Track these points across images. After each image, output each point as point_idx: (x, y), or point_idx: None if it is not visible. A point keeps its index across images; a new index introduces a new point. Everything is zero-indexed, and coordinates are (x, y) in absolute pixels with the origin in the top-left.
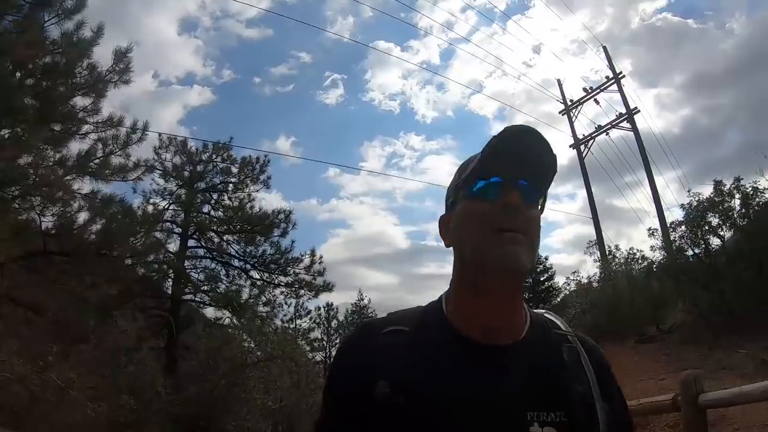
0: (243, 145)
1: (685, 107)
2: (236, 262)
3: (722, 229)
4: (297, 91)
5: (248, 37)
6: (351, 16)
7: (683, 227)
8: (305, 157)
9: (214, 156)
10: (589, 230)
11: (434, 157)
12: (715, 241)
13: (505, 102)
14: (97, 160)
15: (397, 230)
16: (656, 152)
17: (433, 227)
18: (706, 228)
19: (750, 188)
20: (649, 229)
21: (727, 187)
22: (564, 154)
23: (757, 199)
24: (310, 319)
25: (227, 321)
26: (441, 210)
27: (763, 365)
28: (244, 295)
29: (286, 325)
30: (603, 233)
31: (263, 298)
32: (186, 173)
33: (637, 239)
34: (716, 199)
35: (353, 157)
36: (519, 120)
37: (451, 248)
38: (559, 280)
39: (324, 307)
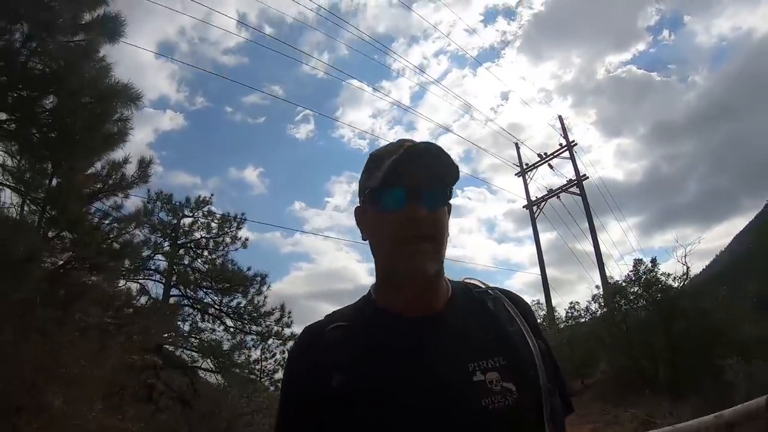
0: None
1: (648, 155)
2: (211, 309)
3: (639, 302)
4: (268, 123)
5: (224, 65)
6: (326, 53)
7: (600, 302)
8: (306, 231)
9: (195, 211)
10: (552, 273)
11: None
12: (633, 310)
13: (473, 143)
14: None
15: (361, 267)
16: (616, 200)
17: None
18: (623, 301)
19: (653, 277)
20: (570, 303)
21: (643, 267)
22: (520, 211)
23: (660, 284)
24: (275, 361)
25: (204, 365)
26: None
27: (645, 423)
28: (224, 345)
29: (253, 366)
30: (552, 292)
31: (236, 343)
32: (169, 230)
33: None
34: (633, 277)
35: (320, 191)
36: (486, 162)
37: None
38: None
39: (288, 351)
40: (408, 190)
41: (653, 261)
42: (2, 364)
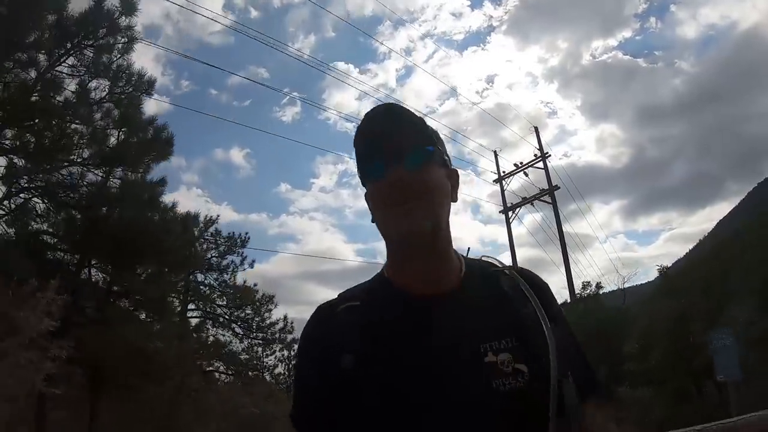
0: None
1: (634, 139)
2: (222, 319)
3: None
4: (254, 105)
5: (209, 49)
6: (313, 35)
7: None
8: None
9: (204, 232)
10: (539, 253)
11: None
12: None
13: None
14: None
15: (347, 247)
16: (601, 183)
17: (383, 246)
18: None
19: (594, 301)
20: None
21: (589, 290)
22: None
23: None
24: (275, 357)
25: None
26: None
27: None
28: (240, 354)
29: (255, 362)
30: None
31: (247, 347)
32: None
33: (584, 263)
34: (580, 295)
35: (305, 172)
36: (471, 144)
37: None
38: None
39: (287, 349)
40: (386, 156)
41: (598, 285)
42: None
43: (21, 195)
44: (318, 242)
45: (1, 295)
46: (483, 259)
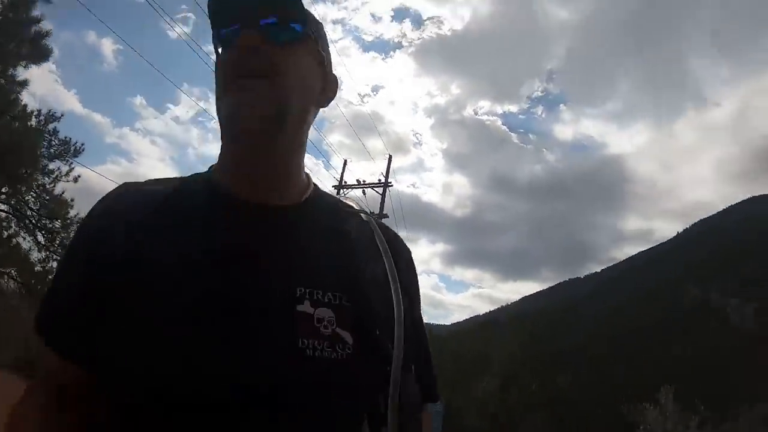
0: None
1: (480, 199)
2: (27, 221)
3: None
4: (146, 5)
5: None
6: None
7: None
8: None
9: (43, 126)
10: None
11: None
12: None
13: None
14: None
15: None
16: (434, 223)
17: None
18: None
19: None
20: None
21: None
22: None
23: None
24: None
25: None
26: None
27: None
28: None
29: (49, 278)
30: None
31: (42, 257)
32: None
33: None
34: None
35: (166, 94)
36: (336, 135)
37: None
38: None
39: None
40: (245, 21)
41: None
42: None
43: None
44: (151, 169)
45: None
46: (341, 198)
